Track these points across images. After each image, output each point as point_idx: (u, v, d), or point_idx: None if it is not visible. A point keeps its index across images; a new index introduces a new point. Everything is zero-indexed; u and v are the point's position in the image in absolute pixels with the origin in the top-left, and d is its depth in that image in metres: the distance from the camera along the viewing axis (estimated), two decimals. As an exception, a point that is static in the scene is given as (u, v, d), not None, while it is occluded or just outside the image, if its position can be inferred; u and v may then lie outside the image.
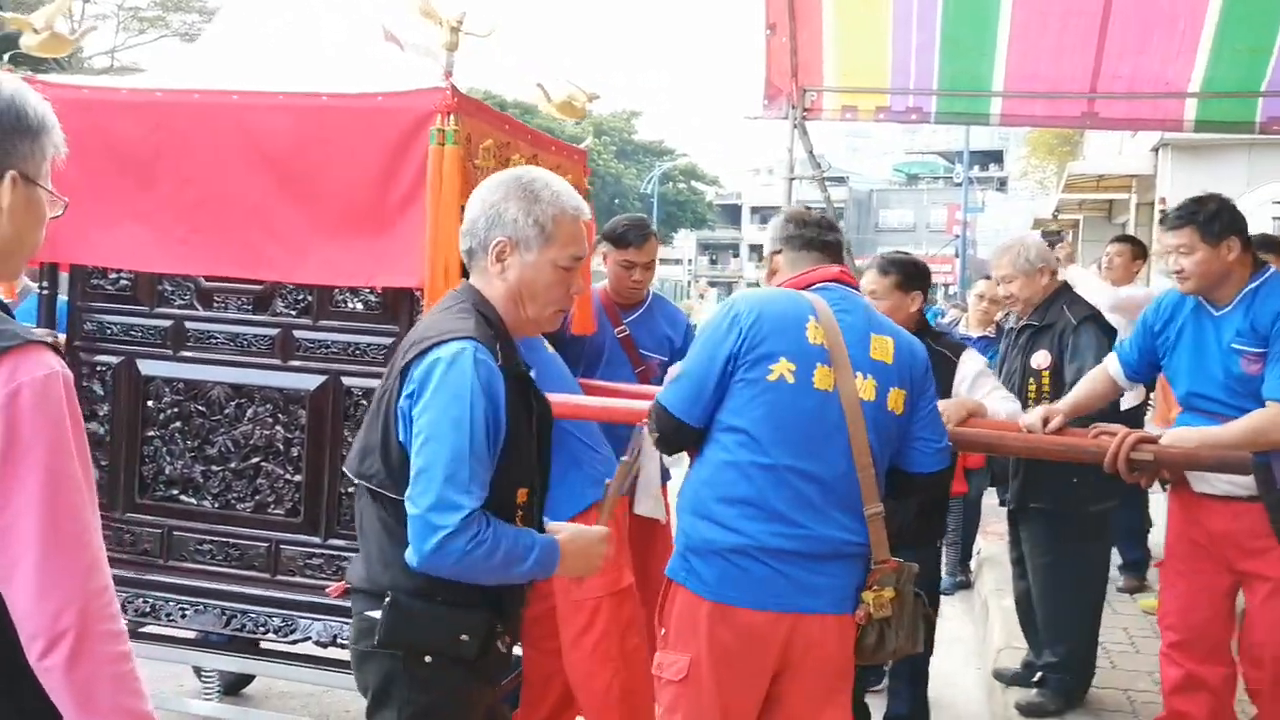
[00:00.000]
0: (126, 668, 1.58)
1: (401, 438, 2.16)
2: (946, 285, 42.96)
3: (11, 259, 1.72)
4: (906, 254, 4.13)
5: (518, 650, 3.86)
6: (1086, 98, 6.39)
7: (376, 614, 2.19)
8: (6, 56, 3.99)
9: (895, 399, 2.78)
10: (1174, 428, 3.51)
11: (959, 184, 44.09)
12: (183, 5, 29.88)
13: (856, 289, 2.99)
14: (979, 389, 3.82)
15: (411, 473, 2.11)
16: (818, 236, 3.01)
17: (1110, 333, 4.46)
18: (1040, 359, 4.28)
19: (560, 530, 2.35)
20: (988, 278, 7.53)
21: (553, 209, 2.28)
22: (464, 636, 2.15)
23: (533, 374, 2.37)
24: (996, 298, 6.99)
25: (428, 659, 2.16)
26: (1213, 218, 3.42)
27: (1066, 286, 4.59)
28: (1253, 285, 3.44)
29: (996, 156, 69.03)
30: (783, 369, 2.69)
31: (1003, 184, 63.14)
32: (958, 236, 39.82)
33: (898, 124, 7.37)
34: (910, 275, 3.92)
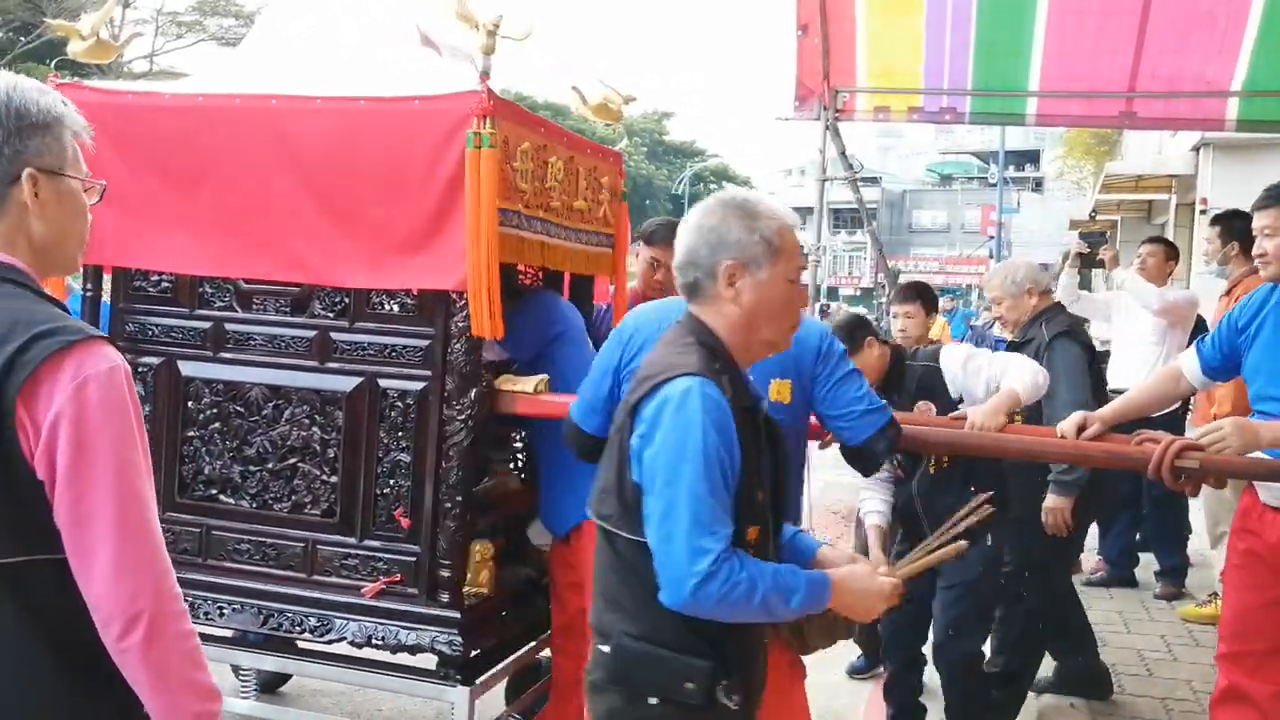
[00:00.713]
0: (193, 644, 1.67)
1: (635, 477, 2.11)
2: (981, 288, 42.64)
3: (59, 252, 1.77)
4: (844, 319, 4.11)
5: (546, 652, 3.89)
6: (1125, 97, 6.34)
7: (605, 648, 2.19)
8: (53, 62, 4.05)
9: (778, 390, 2.84)
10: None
11: (994, 184, 43.78)
12: (219, 10, 30.15)
13: None
14: (976, 372, 3.79)
15: (650, 516, 2.07)
16: None
17: (1087, 347, 4.44)
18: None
19: (842, 562, 2.32)
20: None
21: (775, 222, 2.23)
22: (688, 684, 2.11)
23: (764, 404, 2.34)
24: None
25: (652, 700, 2.14)
26: None
27: (1055, 306, 4.55)
28: None
29: (1032, 157, 68.44)
30: None
31: (1038, 184, 62.66)
32: (992, 238, 39.53)
33: (931, 124, 7.34)
34: (853, 331, 3.90)
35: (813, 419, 3.04)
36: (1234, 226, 5.52)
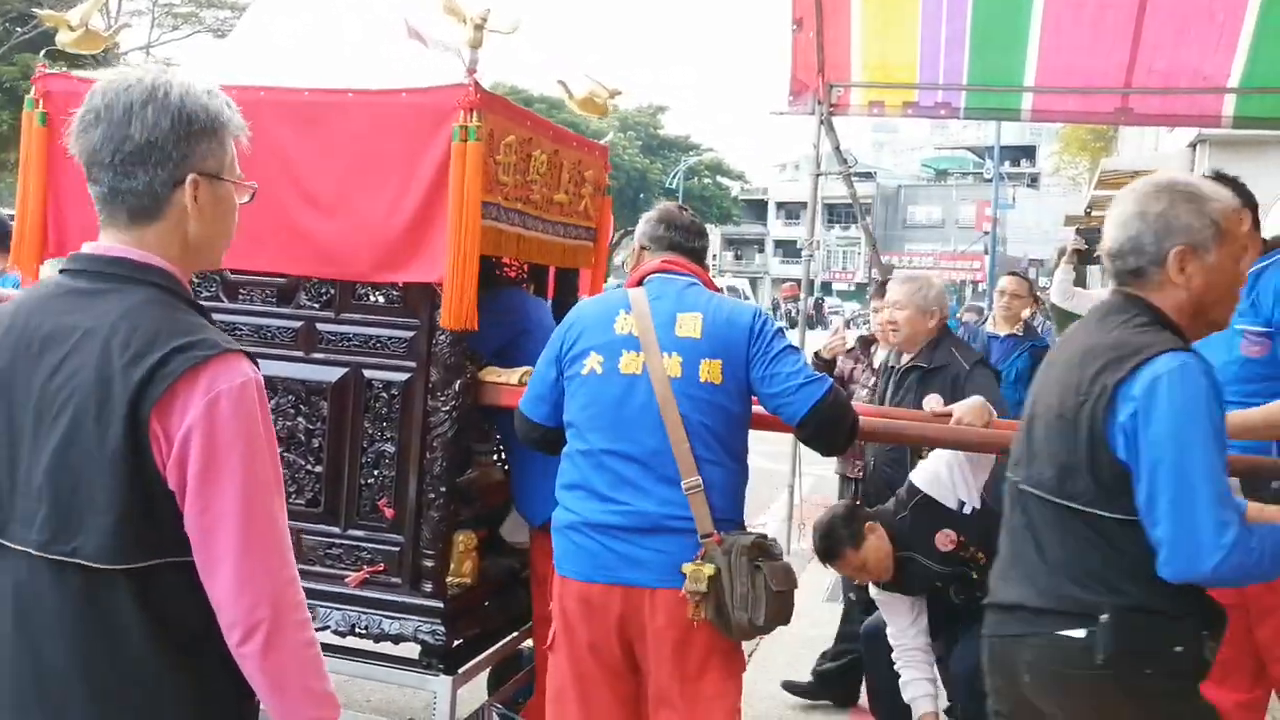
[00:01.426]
0: (312, 652, 1.73)
1: (1121, 455, 2.12)
2: (975, 283, 42.72)
3: (209, 252, 1.84)
4: (838, 515, 3.86)
5: (528, 642, 3.90)
6: (1121, 93, 6.34)
7: (1076, 633, 2.16)
8: (43, 53, 4.03)
9: (708, 370, 2.87)
10: None
11: (989, 180, 43.80)
12: (215, 2, 30.06)
13: (687, 274, 3.05)
14: (957, 459, 3.77)
15: (1157, 492, 2.06)
16: (684, 242, 3.14)
17: (996, 375, 4.51)
18: (933, 401, 4.20)
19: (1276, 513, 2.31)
20: (1012, 274, 7.47)
21: (1219, 204, 2.23)
22: (1177, 648, 2.13)
23: None
24: (1020, 293, 6.94)
25: (1148, 671, 2.14)
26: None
27: (949, 331, 4.56)
28: (1258, 265, 3.34)
29: (1028, 152, 68.54)
30: (592, 362, 2.94)
31: (1034, 180, 62.78)
32: (987, 233, 39.55)
33: (926, 119, 7.33)
34: (849, 523, 3.77)
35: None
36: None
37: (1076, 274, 7.07)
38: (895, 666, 3.92)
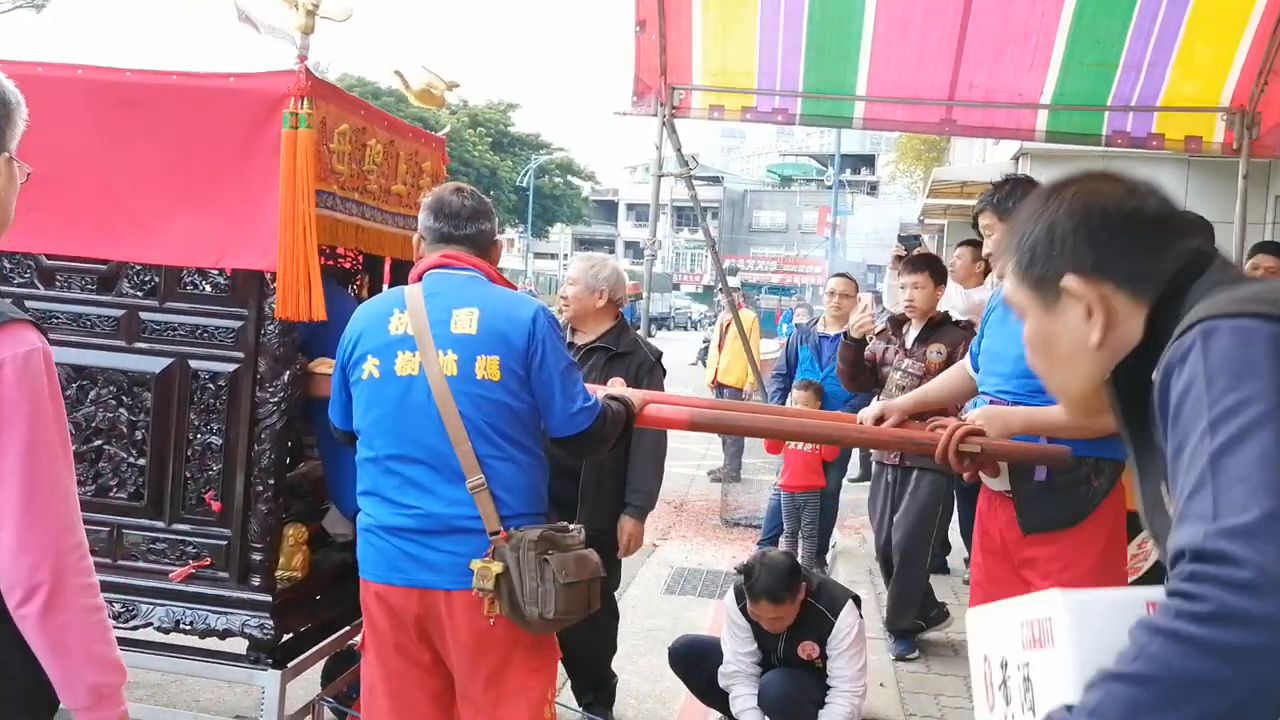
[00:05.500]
0: (97, 618, 1.74)
1: None
2: (817, 287, 43.68)
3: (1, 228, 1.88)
4: (782, 568, 4.13)
5: (356, 639, 3.88)
6: (945, 105, 6.61)
7: None
8: None
9: (484, 367, 2.81)
10: (977, 407, 3.46)
11: (830, 187, 44.92)
12: (41, -24, 28.66)
13: (467, 267, 2.96)
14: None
15: None
16: (455, 231, 3.01)
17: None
18: (618, 384, 4.34)
19: None
20: (841, 275, 7.74)
21: None
22: None
23: None
24: (849, 293, 7.20)
25: None
26: (1006, 196, 3.48)
27: (624, 321, 4.69)
28: None
29: (868, 161, 70.62)
30: (370, 367, 2.90)
31: (873, 188, 64.64)
32: (828, 238, 40.59)
33: (763, 124, 7.52)
34: (791, 579, 4.08)
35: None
36: None
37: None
38: (723, 683, 4.18)
